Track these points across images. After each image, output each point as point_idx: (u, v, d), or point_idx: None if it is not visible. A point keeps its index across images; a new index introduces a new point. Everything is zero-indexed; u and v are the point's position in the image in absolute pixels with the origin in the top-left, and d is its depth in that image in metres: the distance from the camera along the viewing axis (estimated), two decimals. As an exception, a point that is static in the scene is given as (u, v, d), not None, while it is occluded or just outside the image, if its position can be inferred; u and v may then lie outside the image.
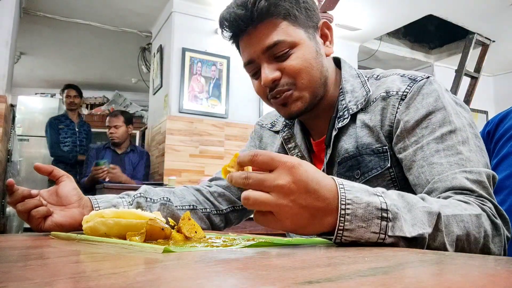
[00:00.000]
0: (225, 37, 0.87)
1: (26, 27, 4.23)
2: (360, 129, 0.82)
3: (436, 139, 0.72)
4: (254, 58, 0.83)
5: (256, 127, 1.08)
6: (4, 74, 3.00)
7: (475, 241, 0.61)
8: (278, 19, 0.80)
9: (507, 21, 4.05)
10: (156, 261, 0.41)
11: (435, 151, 0.71)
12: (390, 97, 0.80)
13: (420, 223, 0.55)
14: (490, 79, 5.77)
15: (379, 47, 4.68)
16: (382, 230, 0.53)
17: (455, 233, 0.59)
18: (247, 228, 2.42)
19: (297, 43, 0.81)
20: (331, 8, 3.17)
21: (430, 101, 0.76)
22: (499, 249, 0.64)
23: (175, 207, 0.96)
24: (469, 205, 0.63)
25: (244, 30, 0.82)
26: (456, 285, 0.27)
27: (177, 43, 3.65)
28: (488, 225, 0.63)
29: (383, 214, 0.53)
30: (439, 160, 0.70)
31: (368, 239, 0.53)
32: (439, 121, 0.74)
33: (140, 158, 3.52)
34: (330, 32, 0.89)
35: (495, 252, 0.64)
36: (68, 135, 3.93)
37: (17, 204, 0.77)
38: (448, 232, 0.58)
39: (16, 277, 0.31)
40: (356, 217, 0.52)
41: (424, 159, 0.72)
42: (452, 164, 0.69)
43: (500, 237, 0.64)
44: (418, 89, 0.78)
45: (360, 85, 0.86)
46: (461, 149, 0.71)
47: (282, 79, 0.82)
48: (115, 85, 6.46)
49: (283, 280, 0.30)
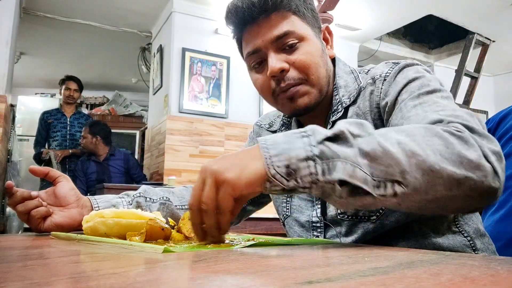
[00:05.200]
0: (230, 25, 0.86)
1: (26, 27, 4.23)
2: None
3: (413, 98, 0.71)
4: (261, 47, 0.82)
5: (254, 127, 1.09)
6: (4, 74, 3.00)
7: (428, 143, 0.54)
8: (289, 12, 0.82)
9: (507, 21, 4.05)
10: (156, 261, 0.41)
11: (412, 106, 0.70)
12: (375, 82, 0.81)
13: (336, 128, 0.55)
14: (490, 79, 5.77)
15: (379, 47, 4.68)
16: (305, 143, 0.54)
17: (394, 138, 0.54)
18: (247, 228, 2.42)
19: (305, 38, 0.82)
20: (331, 8, 3.17)
21: (409, 74, 0.76)
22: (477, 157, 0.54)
23: (175, 207, 0.96)
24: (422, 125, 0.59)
25: (255, 19, 0.81)
26: (456, 285, 0.27)
27: (177, 43, 3.65)
28: (448, 134, 0.56)
29: (302, 133, 0.56)
30: (415, 112, 0.68)
31: (297, 155, 0.53)
32: (418, 85, 0.73)
33: (126, 161, 3.64)
34: (331, 37, 0.91)
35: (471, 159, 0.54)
36: (58, 129, 3.78)
37: (17, 205, 0.77)
38: (385, 139, 0.54)
39: (16, 277, 0.31)
40: (278, 144, 0.55)
41: (402, 117, 0.70)
42: (427, 112, 0.65)
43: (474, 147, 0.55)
44: (400, 68, 0.79)
45: (353, 80, 0.86)
46: (438, 100, 0.68)
47: (290, 72, 0.81)
48: (115, 85, 6.46)
49: (283, 280, 0.30)
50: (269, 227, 2.57)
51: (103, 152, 3.57)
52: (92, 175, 3.47)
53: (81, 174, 3.46)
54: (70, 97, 3.86)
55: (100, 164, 3.54)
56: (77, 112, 3.99)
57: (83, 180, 3.43)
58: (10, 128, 3.98)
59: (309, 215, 0.86)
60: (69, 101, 3.88)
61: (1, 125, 2.98)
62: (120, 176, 3.56)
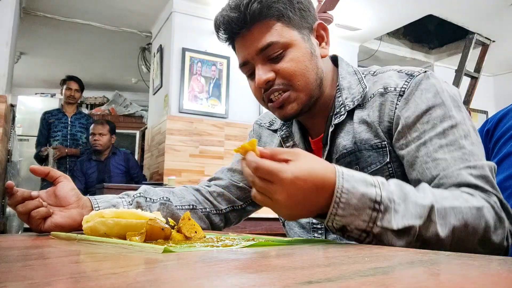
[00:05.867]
0: (221, 39, 0.88)
1: (26, 27, 4.23)
2: (358, 125, 0.82)
3: (439, 135, 0.72)
4: (249, 59, 0.84)
5: (254, 126, 1.08)
6: (4, 74, 3.00)
7: (474, 231, 0.62)
8: (271, 20, 0.81)
9: (507, 21, 4.05)
10: (156, 261, 0.41)
11: (439, 146, 0.72)
12: (388, 93, 0.80)
13: (409, 215, 0.59)
14: (490, 79, 5.77)
15: (379, 47, 4.68)
16: (372, 219, 0.58)
17: (451, 224, 0.61)
18: (247, 228, 2.42)
19: (290, 44, 0.81)
20: (331, 8, 3.17)
21: (429, 96, 0.76)
22: (501, 240, 0.64)
23: (175, 207, 0.96)
24: (472, 197, 0.65)
25: (239, 33, 0.82)
26: (456, 285, 0.27)
27: (177, 43, 3.65)
28: (491, 217, 0.64)
29: (375, 205, 0.58)
30: (443, 155, 0.71)
31: (357, 226, 0.58)
32: (440, 116, 0.74)
33: (126, 160, 3.65)
34: (326, 33, 0.89)
35: (495, 243, 0.64)
36: (58, 129, 3.79)
37: (17, 205, 0.77)
38: (444, 223, 0.60)
39: (16, 277, 0.31)
40: (350, 206, 0.57)
41: (428, 155, 0.72)
42: (456, 159, 0.70)
43: (503, 229, 0.65)
44: (416, 84, 0.78)
45: (357, 82, 0.85)
46: (463, 143, 0.71)
47: (277, 80, 0.82)
48: (115, 85, 6.46)
49: (283, 280, 0.30)
50: (269, 227, 2.57)
51: (108, 151, 3.58)
52: (92, 174, 3.48)
53: (80, 174, 3.46)
54: (71, 97, 3.87)
55: (101, 163, 3.53)
56: (78, 112, 3.99)
57: (81, 180, 3.43)
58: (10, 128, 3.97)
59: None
60: (70, 101, 3.89)
61: (1, 125, 2.97)
62: (121, 175, 3.56)
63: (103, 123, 3.57)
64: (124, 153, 3.76)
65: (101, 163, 3.53)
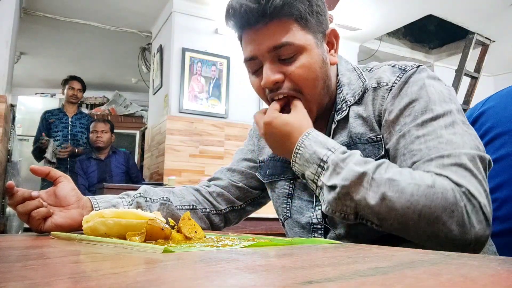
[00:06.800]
0: (229, 26, 0.83)
1: (26, 27, 4.23)
2: (354, 119, 0.82)
3: (417, 126, 0.71)
4: (258, 55, 0.80)
5: (254, 125, 1.08)
6: (4, 74, 3.00)
7: (414, 208, 0.62)
8: (289, 20, 0.78)
9: (507, 21, 4.05)
10: (156, 261, 0.41)
11: (415, 137, 0.71)
12: (380, 88, 0.79)
13: (341, 177, 0.68)
14: (490, 79, 5.77)
15: (379, 47, 4.68)
16: (317, 174, 0.73)
17: (381, 192, 0.64)
18: (247, 228, 2.42)
19: (305, 48, 0.79)
20: (331, 8, 3.17)
21: (414, 90, 0.75)
22: (459, 230, 0.61)
23: (175, 207, 0.96)
24: (426, 178, 0.64)
25: (253, 25, 0.78)
26: (456, 285, 0.27)
27: (177, 43, 3.65)
28: (443, 199, 0.61)
29: (321, 163, 0.72)
30: (418, 146, 0.70)
31: (308, 176, 0.74)
32: (422, 108, 0.73)
33: (126, 160, 3.67)
34: (336, 41, 0.86)
35: (451, 229, 0.61)
36: (59, 129, 3.78)
37: (17, 205, 0.77)
38: (377, 190, 0.65)
39: (16, 277, 0.31)
40: (303, 158, 0.75)
41: (405, 147, 0.72)
42: (430, 149, 0.68)
43: (460, 218, 0.61)
44: (406, 79, 0.77)
45: (356, 77, 0.85)
46: (442, 133, 0.69)
47: (285, 83, 0.80)
48: (115, 85, 6.46)
49: (283, 280, 0.30)
50: (269, 227, 2.57)
51: (108, 149, 3.60)
52: (93, 173, 3.47)
53: (82, 173, 3.46)
54: (74, 97, 3.87)
55: (102, 162, 3.53)
56: (79, 112, 3.99)
57: (84, 177, 3.43)
58: (10, 128, 3.98)
59: (309, 217, 0.86)
60: (73, 101, 3.89)
61: (1, 125, 2.97)
62: (121, 174, 3.56)
63: (105, 121, 3.63)
64: (125, 153, 3.79)
65: (101, 162, 3.53)
